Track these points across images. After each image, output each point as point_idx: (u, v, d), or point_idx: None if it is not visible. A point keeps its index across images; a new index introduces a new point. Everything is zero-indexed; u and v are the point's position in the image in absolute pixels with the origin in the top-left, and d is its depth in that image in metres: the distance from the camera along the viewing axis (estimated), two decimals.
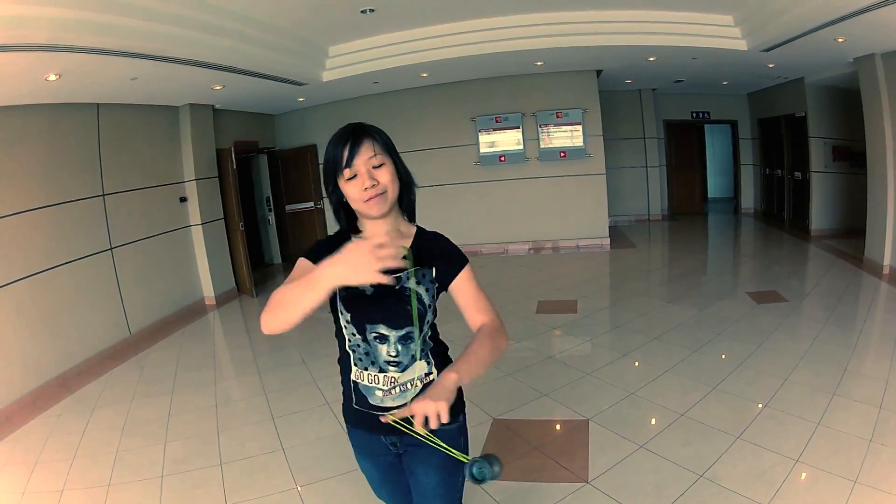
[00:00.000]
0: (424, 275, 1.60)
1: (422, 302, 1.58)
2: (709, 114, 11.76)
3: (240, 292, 7.85)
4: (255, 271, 8.42)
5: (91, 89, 5.19)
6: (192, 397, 4.55)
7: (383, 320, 1.56)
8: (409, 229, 1.68)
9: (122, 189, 6.11)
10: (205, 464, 3.48)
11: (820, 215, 9.02)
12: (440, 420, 1.29)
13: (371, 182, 1.51)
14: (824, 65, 7.45)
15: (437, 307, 1.67)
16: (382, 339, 1.57)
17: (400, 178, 1.60)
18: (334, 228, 1.69)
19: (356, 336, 1.58)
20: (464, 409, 1.75)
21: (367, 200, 1.52)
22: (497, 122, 8.96)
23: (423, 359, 1.63)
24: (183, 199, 7.11)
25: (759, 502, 2.66)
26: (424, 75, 7.81)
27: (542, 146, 8.96)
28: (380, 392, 1.60)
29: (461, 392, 1.72)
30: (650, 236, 10.29)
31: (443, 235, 1.71)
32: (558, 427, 3.63)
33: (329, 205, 1.65)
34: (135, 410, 4.38)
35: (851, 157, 8.68)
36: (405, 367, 1.60)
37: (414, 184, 1.67)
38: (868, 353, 4.38)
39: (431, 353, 1.66)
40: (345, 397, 1.71)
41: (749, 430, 3.33)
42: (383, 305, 1.56)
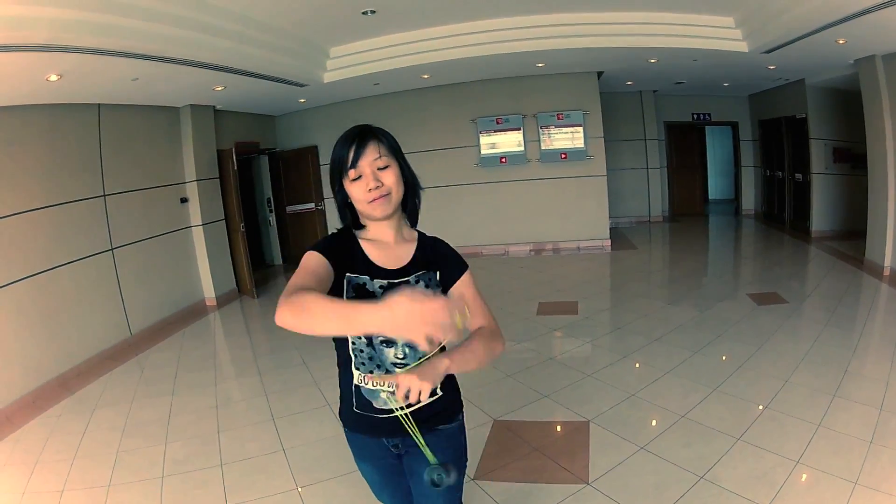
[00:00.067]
0: (431, 279, 1.62)
1: None
2: (709, 115, 11.76)
3: (240, 293, 7.85)
4: (256, 272, 8.43)
5: (92, 90, 5.20)
6: (193, 398, 4.55)
7: None
8: (411, 234, 1.69)
9: (123, 189, 6.12)
10: (205, 464, 3.48)
11: (821, 217, 9.01)
12: (420, 397, 1.33)
13: (375, 183, 1.52)
14: (825, 66, 7.45)
15: None
16: (389, 342, 1.57)
17: (405, 181, 1.60)
18: (335, 229, 1.70)
19: (361, 340, 1.57)
20: (462, 409, 1.76)
21: (372, 201, 1.53)
22: (498, 123, 8.97)
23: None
24: (184, 200, 7.12)
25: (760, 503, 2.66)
26: (425, 77, 7.82)
27: (543, 148, 8.96)
28: (384, 394, 1.60)
29: (459, 392, 1.73)
30: (651, 238, 10.29)
31: (442, 240, 1.72)
32: (559, 428, 3.63)
33: (332, 205, 1.66)
34: (135, 411, 4.38)
35: (852, 159, 8.68)
36: (412, 370, 1.60)
37: (419, 187, 1.67)
38: (868, 355, 4.37)
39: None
40: (344, 401, 1.70)
41: (750, 431, 3.33)
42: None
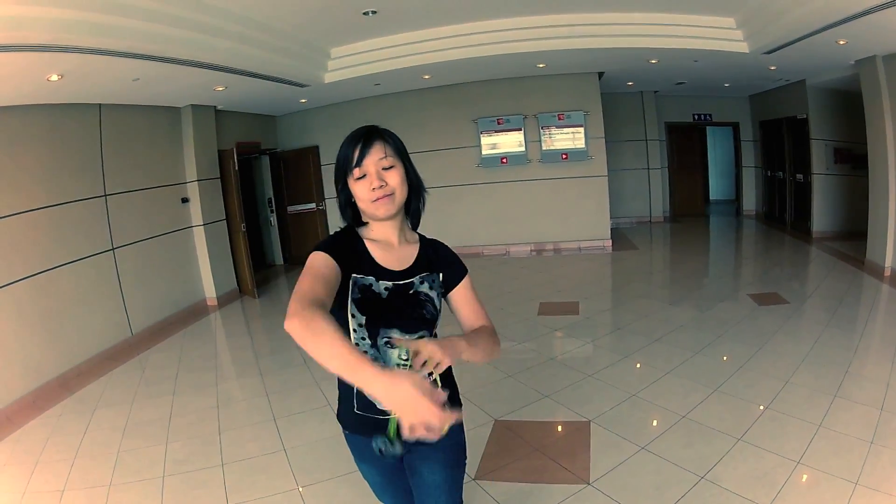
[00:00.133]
0: (434, 280, 1.63)
1: (434, 306, 1.61)
2: (710, 116, 11.76)
3: (241, 293, 7.86)
4: (257, 272, 8.43)
5: (93, 90, 5.20)
6: (194, 398, 4.55)
7: (397, 325, 1.56)
8: (412, 236, 1.70)
9: (124, 189, 6.13)
10: (206, 464, 3.48)
11: (821, 217, 9.01)
12: (434, 369, 1.34)
13: (379, 182, 1.52)
14: (826, 67, 7.45)
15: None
16: (394, 343, 1.57)
17: (410, 183, 1.60)
18: (336, 229, 1.70)
19: (365, 341, 1.57)
20: (461, 407, 1.76)
21: (375, 201, 1.53)
22: (499, 123, 8.97)
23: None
24: (185, 200, 7.12)
25: None
26: (426, 77, 7.83)
27: (543, 148, 8.97)
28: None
29: (458, 390, 1.76)
30: (652, 238, 10.29)
31: (442, 243, 1.74)
32: (560, 428, 3.63)
33: (333, 205, 1.67)
34: (136, 411, 4.38)
35: (853, 160, 8.67)
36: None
37: (424, 189, 1.67)
38: (869, 355, 4.37)
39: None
40: (343, 402, 1.70)
41: (750, 431, 3.33)
42: (398, 310, 1.57)
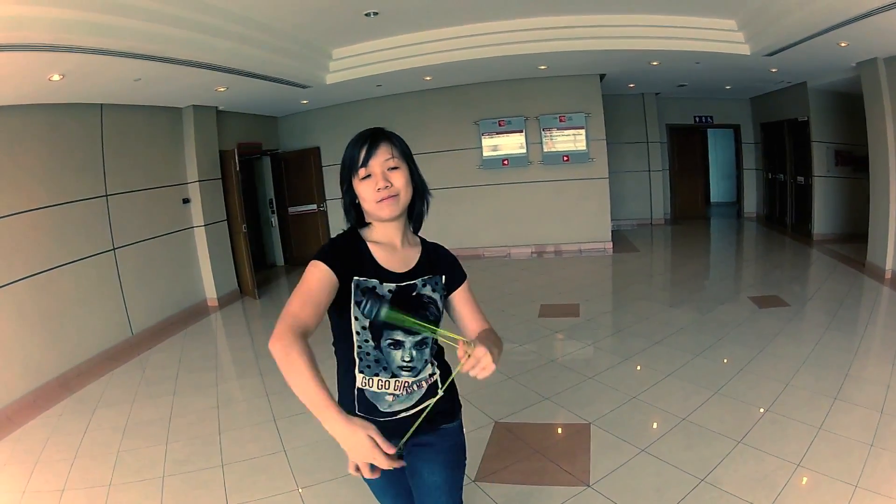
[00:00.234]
0: (437, 283, 1.64)
1: (437, 308, 1.62)
2: (711, 118, 11.77)
3: (242, 294, 7.86)
4: (258, 273, 8.43)
5: (94, 90, 5.21)
6: (194, 398, 4.55)
7: (401, 326, 1.56)
8: (414, 238, 1.71)
9: (125, 190, 6.13)
10: (206, 465, 3.48)
11: (822, 220, 9.01)
12: (483, 370, 1.35)
13: (385, 183, 1.53)
14: (827, 69, 7.45)
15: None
16: (397, 345, 1.57)
17: (414, 186, 1.61)
18: (337, 230, 1.70)
19: (368, 343, 1.57)
20: (461, 408, 1.79)
21: (380, 201, 1.54)
22: (500, 125, 8.98)
23: (430, 362, 1.66)
24: (186, 201, 7.13)
25: None
26: (428, 78, 7.83)
27: (545, 150, 8.97)
28: (390, 397, 1.60)
29: (457, 393, 1.76)
30: (653, 240, 10.29)
31: (443, 246, 1.75)
32: (560, 430, 3.63)
33: (334, 207, 1.67)
34: (136, 411, 4.38)
35: (854, 162, 8.68)
36: (418, 372, 1.61)
37: (428, 192, 1.68)
38: (870, 358, 4.37)
39: (435, 356, 1.69)
40: (343, 404, 1.69)
41: (750, 434, 3.33)
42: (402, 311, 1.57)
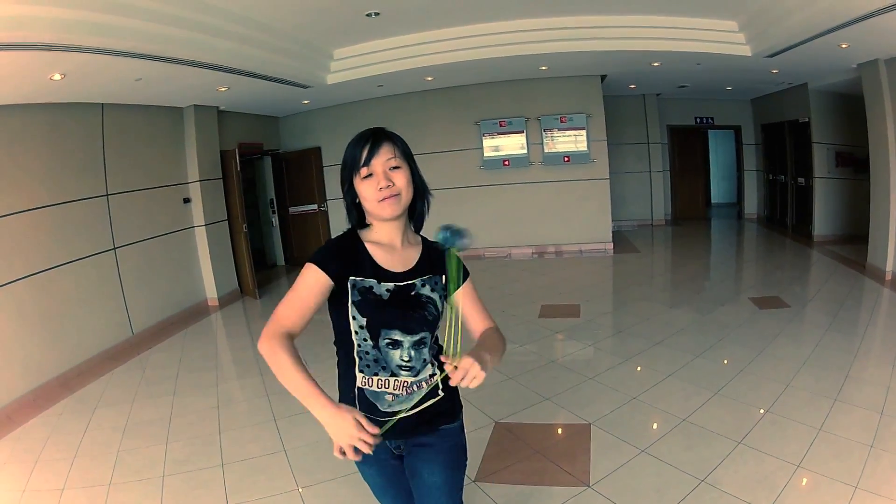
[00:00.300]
0: (437, 283, 1.64)
1: (436, 308, 1.63)
2: (712, 119, 11.77)
3: (243, 294, 7.87)
4: (259, 273, 8.42)
5: (95, 89, 5.21)
6: (194, 398, 4.55)
7: (399, 326, 1.57)
8: (415, 238, 1.71)
9: (126, 189, 6.14)
10: (206, 465, 3.48)
11: (823, 221, 9.01)
12: (474, 380, 1.36)
13: (387, 182, 1.53)
14: (828, 70, 7.45)
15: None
16: (395, 344, 1.58)
17: (415, 186, 1.61)
18: (338, 230, 1.71)
19: (367, 342, 1.58)
20: (462, 409, 1.78)
21: (382, 200, 1.54)
22: (501, 126, 8.98)
23: (430, 362, 1.65)
24: (187, 201, 7.13)
25: None
26: (429, 79, 7.84)
27: (546, 150, 8.97)
28: (389, 397, 1.61)
29: (458, 393, 1.74)
30: (653, 241, 10.29)
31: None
32: (560, 431, 3.63)
33: (335, 207, 1.68)
34: (136, 411, 4.38)
35: (855, 163, 8.68)
36: (417, 372, 1.61)
37: (429, 193, 1.69)
38: (870, 359, 4.37)
39: (435, 356, 1.68)
40: (343, 402, 1.70)
41: (750, 435, 3.32)
42: (400, 311, 1.58)
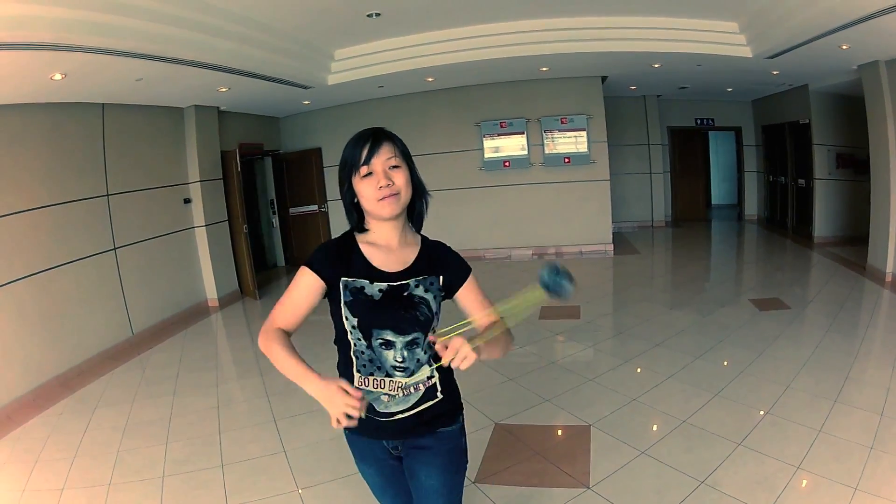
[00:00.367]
0: (432, 283, 1.63)
1: (429, 308, 1.61)
2: (713, 120, 11.77)
3: (243, 294, 7.87)
4: (259, 273, 8.43)
5: (96, 89, 5.22)
6: (194, 398, 4.55)
7: (390, 326, 1.57)
8: (414, 238, 1.70)
9: (126, 189, 6.14)
10: (206, 465, 3.48)
11: (823, 222, 9.01)
12: (465, 360, 1.38)
13: (387, 181, 1.53)
14: (828, 72, 7.45)
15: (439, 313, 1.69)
16: (388, 345, 1.58)
17: (414, 187, 1.62)
18: (338, 231, 1.71)
19: (361, 342, 1.59)
20: (462, 411, 1.77)
21: (381, 199, 1.54)
22: (502, 127, 8.98)
23: (426, 363, 1.65)
24: (187, 201, 7.13)
25: None
26: (430, 80, 7.84)
27: (546, 152, 8.97)
28: (386, 397, 1.61)
29: (459, 395, 1.75)
30: (653, 242, 10.29)
31: (444, 244, 1.73)
32: (560, 432, 3.63)
33: (335, 208, 1.69)
34: (136, 411, 4.38)
35: (855, 165, 8.68)
36: (412, 373, 1.61)
37: (427, 193, 1.69)
38: (870, 361, 4.36)
39: (433, 358, 1.67)
40: None
41: (751, 436, 3.32)
42: (391, 311, 1.57)
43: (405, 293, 1.59)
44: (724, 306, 6.02)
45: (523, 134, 8.96)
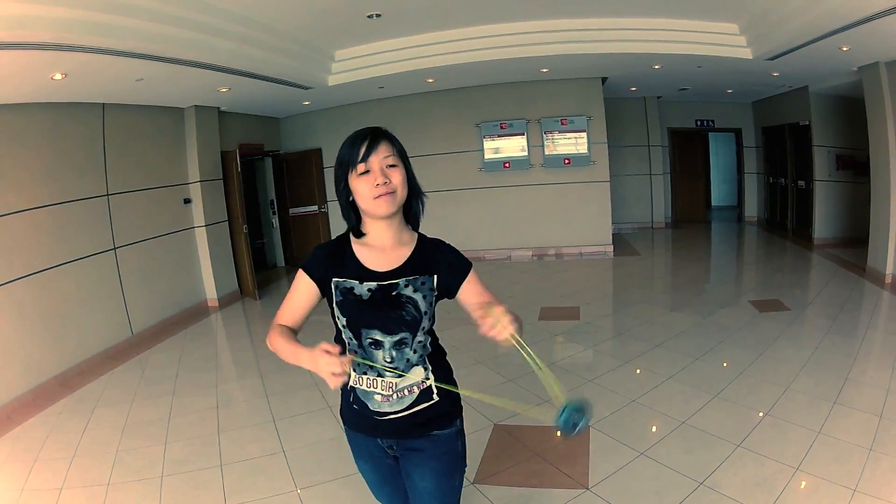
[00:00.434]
0: (424, 282, 1.61)
1: (416, 308, 1.60)
2: (713, 122, 11.78)
3: (243, 294, 7.86)
4: (259, 274, 8.43)
5: (96, 89, 5.22)
6: (194, 398, 4.55)
7: (378, 326, 1.58)
8: (411, 237, 1.69)
9: (127, 189, 6.14)
10: (205, 465, 3.48)
11: (823, 224, 9.01)
12: (504, 329, 1.49)
13: (384, 179, 1.53)
14: (828, 73, 7.46)
15: (436, 314, 1.68)
16: (377, 344, 1.58)
17: (409, 187, 1.62)
18: (338, 232, 1.71)
19: (353, 341, 1.60)
20: (461, 415, 1.76)
21: (377, 197, 1.54)
22: (502, 128, 8.98)
23: (421, 364, 1.64)
24: (187, 201, 7.13)
25: None
26: (430, 81, 7.84)
27: (546, 153, 8.97)
28: (378, 397, 1.61)
29: (459, 397, 1.74)
30: (653, 244, 10.29)
31: (444, 242, 1.72)
32: (559, 433, 3.62)
33: (335, 208, 1.69)
34: (135, 411, 4.38)
35: (855, 166, 8.68)
36: (402, 373, 1.60)
37: (423, 194, 1.69)
38: (869, 362, 4.36)
39: (429, 359, 1.66)
40: (343, 399, 1.73)
41: (750, 437, 3.32)
42: (378, 311, 1.58)
43: (393, 292, 1.58)
44: (724, 308, 6.02)
45: (523, 135, 8.96)
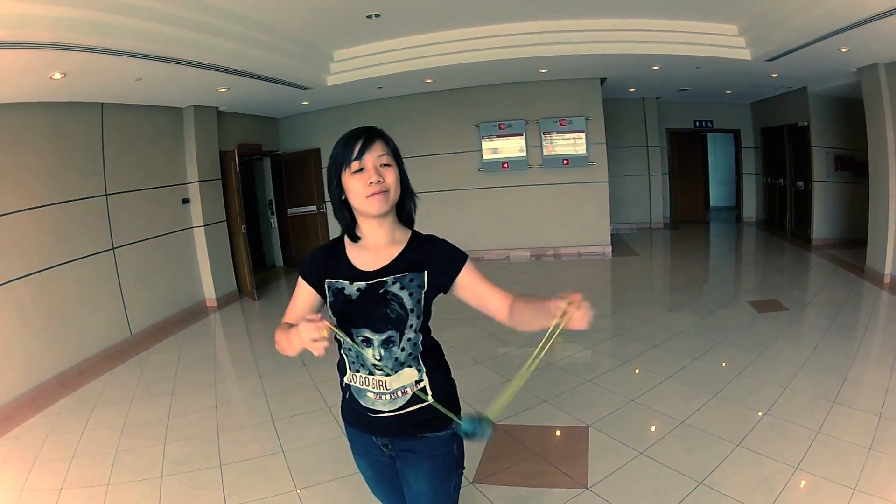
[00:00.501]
0: (413, 279, 1.60)
1: (401, 306, 1.59)
2: (712, 123, 11.79)
3: (241, 295, 7.86)
4: (257, 274, 8.43)
5: (95, 89, 5.22)
6: (193, 399, 4.55)
7: (365, 324, 1.59)
8: (403, 235, 1.68)
9: (125, 189, 6.13)
10: (204, 465, 3.48)
11: (822, 225, 9.02)
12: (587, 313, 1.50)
13: (377, 177, 1.54)
14: (827, 74, 7.47)
15: (430, 311, 1.67)
16: (368, 342, 1.59)
17: (403, 187, 1.62)
18: (336, 231, 1.72)
19: (347, 339, 1.60)
20: (460, 413, 1.75)
21: (370, 196, 1.54)
22: (500, 128, 8.98)
23: (414, 365, 1.63)
24: (186, 201, 7.13)
25: None
26: (429, 81, 7.84)
27: (545, 153, 8.97)
28: (371, 394, 1.62)
29: (457, 400, 1.74)
30: (652, 244, 10.29)
31: (438, 237, 1.71)
32: (558, 433, 3.63)
33: (330, 208, 1.70)
34: (135, 411, 4.38)
35: (854, 167, 8.69)
36: (389, 373, 1.60)
37: (415, 195, 1.70)
38: (868, 362, 4.37)
39: (422, 358, 1.65)
40: (343, 396, 1.75)
41: (749, 437, 3.33)
42: (365, 310, 1.58)
43: (380, 290, 1.58)
44: (723, 308, 6.03)
45: (522, 135, 8.96)
